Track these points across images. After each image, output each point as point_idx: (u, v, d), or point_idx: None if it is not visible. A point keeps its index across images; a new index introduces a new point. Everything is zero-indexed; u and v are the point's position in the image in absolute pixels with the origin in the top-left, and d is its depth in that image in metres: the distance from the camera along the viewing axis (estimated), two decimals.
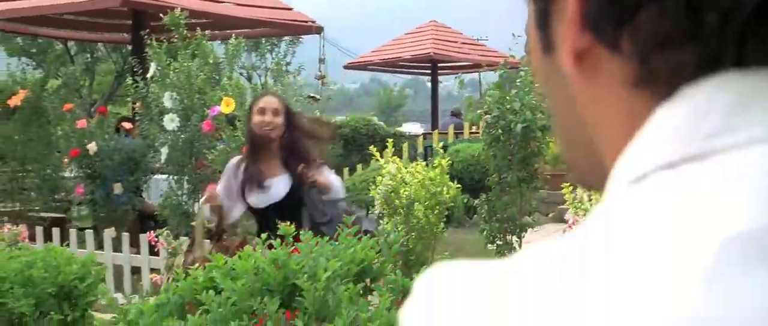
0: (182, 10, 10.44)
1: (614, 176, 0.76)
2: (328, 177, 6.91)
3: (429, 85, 28.15)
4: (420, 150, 20.14)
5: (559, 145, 0.92)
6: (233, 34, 10.90)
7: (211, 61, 10.30)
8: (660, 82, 0.74)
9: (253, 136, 6.92)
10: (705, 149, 0.69)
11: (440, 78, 29.33)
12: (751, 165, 0.67)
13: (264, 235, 5.00)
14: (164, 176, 11.00)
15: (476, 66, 19.02)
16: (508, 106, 7.48)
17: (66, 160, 11.87)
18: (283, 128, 6.82)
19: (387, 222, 8.04)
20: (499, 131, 8.09)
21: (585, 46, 0.78)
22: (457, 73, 27.80)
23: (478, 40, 28.34)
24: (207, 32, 10.54)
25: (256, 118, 6.81)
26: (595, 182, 0.82)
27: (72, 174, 12.43)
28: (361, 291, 4.47)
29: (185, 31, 10.26)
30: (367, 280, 4.57)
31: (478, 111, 7.45)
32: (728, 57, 0.71)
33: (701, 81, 0.72)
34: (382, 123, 24.41)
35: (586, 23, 0.77)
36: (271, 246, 4.78)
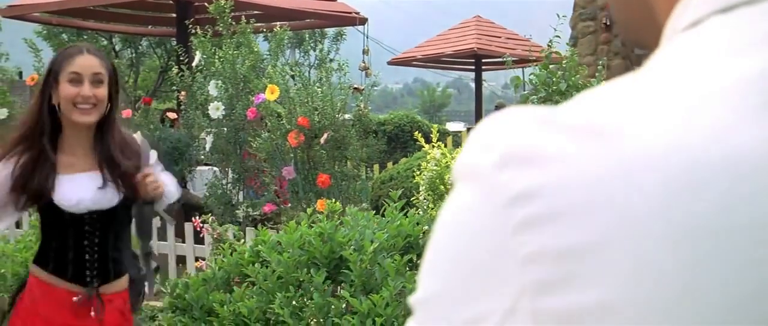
0: (227, 0, 10.44)
1: (669, 25, 0.76)
2: (163, 179, 4.66)
3: (472, 85, 27.98)
4: (464, 143, 20.03)
5: (614, 10, 0.92)
6: (278, 25, 10.88)
7: (255, 50, 10.30)
8: None
9: (54, 117, 4.34)
10: None
11: (484, 76, 29.22)
12: None
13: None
14: (208, 167, 11.00)
15: (521, 61, 18.90)
16: (554, 88, 7.39)
17: None
18: (105, 108, 4.34)
19: (433, 209, 7.99)
20: None
21: None
22: (502, 69, 27.68)
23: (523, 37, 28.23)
24: (252, 21, 10.53)
25: (67, 89, 4.24)
26: (649, 39, 0.81)
27: None
28: (408, 265, 4.43)
29: (230, 21, 10.27)
30: (414, 255, 4.54)
31: (524, 92, 7.31)
32: None
33: None
34: (425, 120, 24.36)
35: None
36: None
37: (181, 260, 9.54)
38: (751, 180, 0.62)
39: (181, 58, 11.20)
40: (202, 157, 11.15)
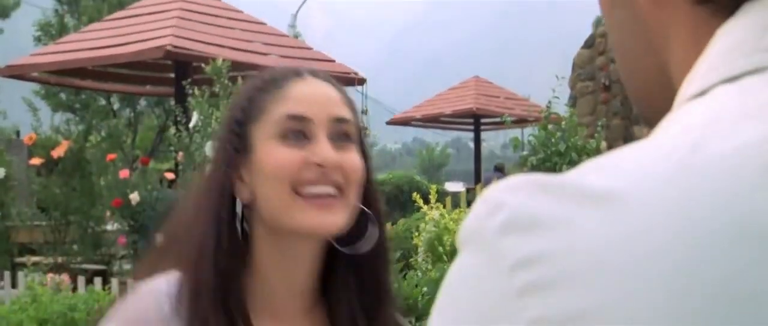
0: (224, 60, 10.45)
1: (680, 97, 0.78)
2: None
3: (471, 144, 28.11)
4: (463, 204, 20.04)
5: (627, 83, 0.93)
6: None
7: None
8: None
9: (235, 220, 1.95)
10: (766, 62, 0.71)
11: (483, 136, 29.31)
12: None
13: None
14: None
15: (520, 121, 18.95)
16: (553, 148, 7.39)
17: (108, 212, 11.88)
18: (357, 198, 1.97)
19: (432, 270, 7.94)
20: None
21: None
22: (500, 129, 27.81)
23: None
24: None
25: (280, 153, 1.90)
26: (664, 107, 0.80)
27: (114, 227, 12.43)
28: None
29: (227, 81, 10.28)
30: (413, 318, 4.47)
31: (523, 152, 7.32)
32: None
33: None
34: (424, 180, 24.35)
35: None
36: None
37: None
38: (758, 249, 0.61)
39: (179, 119, 11.20)
40: None
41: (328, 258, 2.01)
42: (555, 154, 7.34)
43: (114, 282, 10.09)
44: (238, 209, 1.93)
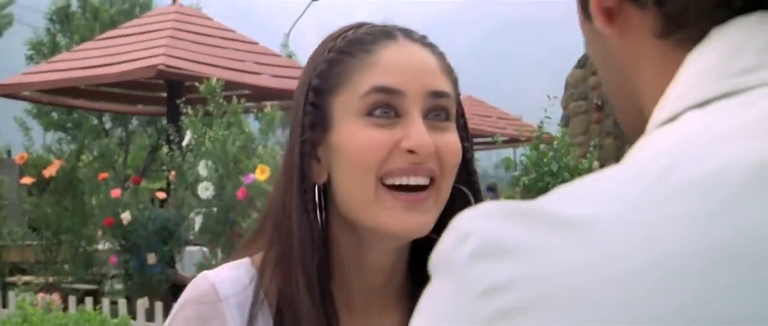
0: (218, 79, 10.44)
1: (651, 123, 0.79)
2: None
3: None
4: None
5: (615, 108, 0.97)
6: (268, 104, 10.89)
7: (246, 130, 10.30)
8: (683, 28, 0.78)
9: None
10: (738, 85, 0.72)
11: (476, 155, 29.21)
12: None
13: None
14: (197, 247, 10.95)
15: (513, 141, 18.94)
16: (545, 168, 7.38)
17: (100, 232, 11.86)
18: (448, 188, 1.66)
19: None
20: (536, 194, 8.00)
21: (613, 3, 0.83)
22: (493, 148, 27.85)
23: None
24: (242, 100, 10.53)
25: (365, 134, 1.60)
26: (641, 132, 0.82)
27: (105, 247, 12.40)
28: None
29: (220, 100, 10.26)
30: None
31: (515, 172, 7.33)
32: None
33: (730, 23, 0.75)
34: None
35: None
36: None
37: None
38: (726, 273, 0.61)
39: (171, 138, 11.19)
40: (192, 237, 11.09)
41: (417, 247, 1.71)
42: (547, 174, 7.34)
43: (105, 302, 10.06)
44: (317, 197, 1.67)
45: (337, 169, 1.64)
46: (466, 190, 1.71)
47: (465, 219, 0.71)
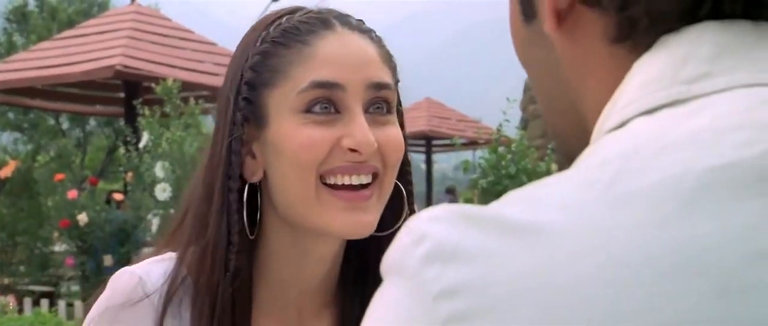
0: (175, 80, 10.39)
1: (597, 129, 0.79)
2: None
3: (423, 166, 28.14)
4: None
5: (546, 119, 0.96)
6: None
7: (204, 131, 10.27)
8: (639, 34, 0.78)
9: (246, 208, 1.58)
10: (685, 94, 0.73)
11: (435, 157, 29.35)
12: (734, 105, 0.71)
13: None
14: (154, 249, 10.90)
15: (472, 143, 19.00)
16: (503, 171, 7.39)
17: (56, 233, 11.78)
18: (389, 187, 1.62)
19: None
20: (494, 197, 7.99)
21: (565, 5, 0.82)
22: (452, 151, 27.92)
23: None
24: (200, 102, 10.50)
25: (302, 133, 1.53)
26: (577, 146, 0.82)
27: (62, 248, 12.33)
28: None
29: (178, 101, 10.22)
30: None
31: (473, 175, 7.34)
32: (705, 7, 0.75)
33: (681, 31, 0.76)
34: None
35: None
36: None
37: None
38: (674, 280, 0.62)
39: (128, 139, 11.13)
40: (149, 238, 11.04)
41: (353, 245, 1.67)
42: (505, 177, 7.35)
43: (61, 304, 9.99)
44: (245, 195, 1.57)
45: (275, 168, 1.57)
46: (398, 182, 1.64)
47: (421, 221, 0.71)
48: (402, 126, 1.66)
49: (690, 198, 0.65)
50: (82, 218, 11.03)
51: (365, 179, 1.55)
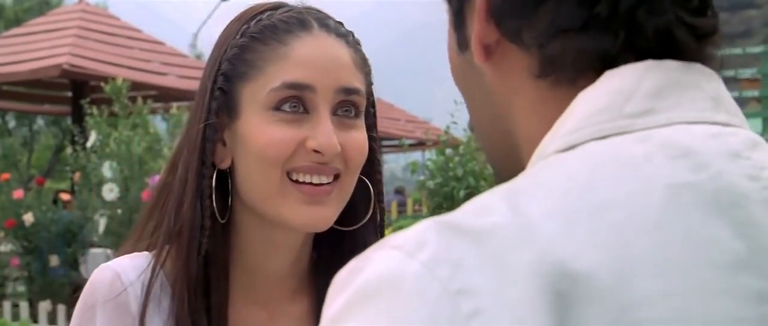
0: (124, 80, 10.34)
1: (539, 152, 0.84)
2: None
3: None
4: None
5: (479, 141, 1.01)
6: (175, 106, 10.81)
7: (152, 131, 10.22)
8: (560, 70, 0.84)
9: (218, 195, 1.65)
10: (630, 127, 0.80)
11: (384, 158, 29.30)
12: (675, 137, 0.79)
13: None
14: (101, 250, 10.82)
15: (420, 144, 19.02)
16: (450, 173, 7.41)
17: (1, 233, 11.66)
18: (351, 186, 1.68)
19: None
20: (442, 198, 8.04)
21: (493, 39, 0.88)
22: (400, 152, 27.89)
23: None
24: (149, 101, 10.45)
25: (270, 132, 1.59)
26: (511, 172, 0.86)
27: (7, 249, 12.21)
28: None
29: (126, 101, 10.17)
30: None
31: (421, 177, 7.38)
32: (618, 45, 0.83)
33: (619, 68, 0.83)
34: None
35: (492, 16, 0.86)
36: None
37: None
38: (659, 281, 0.71)
39: (76, 138, 11.06)
40: (96, 239, 10.96)
41: (318, 236, 1.72)
42: (452, 179, 7.38)
43: (6, 305, 9.91)
44: (214, 181, 1.63)
45: (242, 159, 1.63)
46: (367, 181, 1.71)
47: (410, 233, 0.76)
48: (374, 127, 1.76)
49: (662, 208, 0.74)
50: (28, 218, 10.93)
51: (326, 180, 1.61)
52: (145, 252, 1.67)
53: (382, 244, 0.77)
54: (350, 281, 0.75)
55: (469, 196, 8.98)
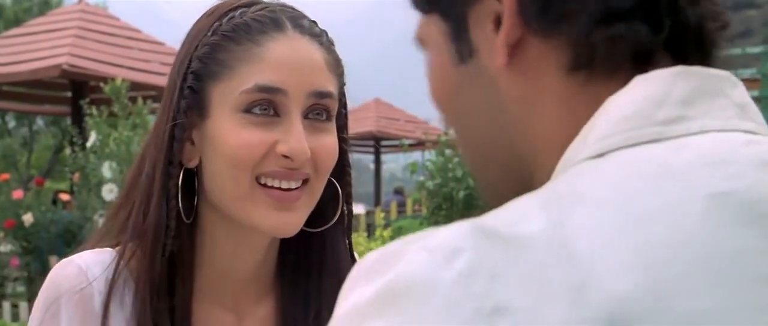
0: (124, 80, 10.33)
1: (568, 157, 0.82)
2: None
3: (372, 167, 28.16)
4: (362, 227, 20.04)
5: (472, 165, 0.96)
6: None
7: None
8: (598, 62, 0.82)
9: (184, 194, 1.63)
10: (662, 134, 0.79)
11: (383, 158, 29.37)
12: (710, 145, 0.78)
13: None
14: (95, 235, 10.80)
15: (420, 144, 19.03)
16: (450, 174, 7.41)
17: (1, 233, 11.66)
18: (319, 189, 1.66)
19: None
20: (441, 199, 8.02)
21: (515, 39, 0.84)
22: (400, 151, 27.91)
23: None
24: (148, 102, 10.45)
25: (238, 134, 1.56)
26: (509, 192, 0.84)
27: (7, 249, 12.20)
28: None
29: (126, 101, 10.16)
30: None
31: (420, 177, 7.35)
32: (662, 34, 0.82)
33: (651, 74, 0.82)
34: None
35: (524, 12, 0.83)
36: None
37: None
38: (704, 291, 0.70)
39: (75, 139, 11.05)
40: None
41: (285, 239, 1.69)
42: (452, 180, 7.36)
43: (6, 305, 9.90)
44: (180, 180, 1.61)
45: (211, 160, 1.61)
46: (336, 182, 1.70)
47: (446, 236, 0.73)
48: (345, 128, 1.74)
49: (703, 219, 0.73)
50: (28, 218, 10.92)
51: (295, 184, 1.59)
52: (110, 248, 1.65)
53: (415, 240, 0.74)
54: (380, 273, 0.73)
55: (468, 197, 9.04)
